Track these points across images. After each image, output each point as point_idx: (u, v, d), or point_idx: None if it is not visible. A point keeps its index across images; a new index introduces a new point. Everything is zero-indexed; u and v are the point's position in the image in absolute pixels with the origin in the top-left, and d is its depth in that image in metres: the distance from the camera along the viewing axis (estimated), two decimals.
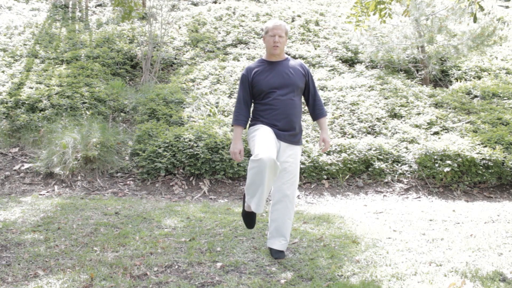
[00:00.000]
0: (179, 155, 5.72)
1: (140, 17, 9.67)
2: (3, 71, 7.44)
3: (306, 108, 7.35)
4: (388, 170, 5.97)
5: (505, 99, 7.42)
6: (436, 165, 5.75)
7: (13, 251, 3.42)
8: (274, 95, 3.29)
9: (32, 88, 7.00)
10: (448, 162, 5.66)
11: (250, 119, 3.44)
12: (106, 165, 5.96)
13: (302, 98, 3.51)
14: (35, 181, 5.72)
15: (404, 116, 6.95)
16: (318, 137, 6.35)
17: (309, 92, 3.46)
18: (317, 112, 3.49)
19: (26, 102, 6.65)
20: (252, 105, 3.46)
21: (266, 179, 3.04)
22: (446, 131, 6.56)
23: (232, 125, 3.43)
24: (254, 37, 9.29)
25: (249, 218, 3.53)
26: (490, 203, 5.43)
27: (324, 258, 3.44)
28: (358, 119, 6.82)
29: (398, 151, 6.17)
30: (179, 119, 6.58)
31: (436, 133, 6.55)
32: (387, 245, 3.75)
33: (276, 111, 3.29)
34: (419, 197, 5.66)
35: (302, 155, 5.96)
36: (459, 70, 8.61)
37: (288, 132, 3.31)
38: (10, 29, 8.91)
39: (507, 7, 12.41)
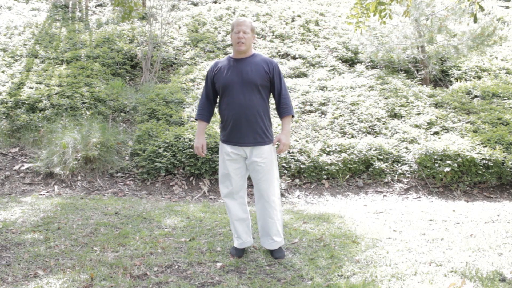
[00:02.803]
0: (179, 155, 5.72)
1: (140, 17, 9.67)
2: (3, 71, 7.44)
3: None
4: (388, 170, 5.97)
5: (505, 99, 7.42)
6: (436, 165, 5.75)
7: (13, 251, 3.42)
8: (231, 92, 3.23)
9: (32, 88, 7.00)
10: (448, 162, 5.66)
11: (220, 123, 3.43)
12: (106, 165, 5.96)
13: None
14: (35, 181, 5.72)
15: (404, 116, 6.95)
16: (317, 137, 6.35)
17: (274, 89, 3.33)
18: (281, 110, 3.32)
19: (26, 102, 6.65)
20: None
21: (234, 218, 3.42)
22: (446, 131, 6.56)
23: (195, 120, 3.44)
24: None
25: (237, 250, 3.50)
26: (490, 203, 5.43)
27: (324, 258, 3.44)
28: (358, 119, 6.82)
29: (398, 151, 6.17)
30: (179, 119, 6.58)
31: (436, 133, 6.55)
32: (387, 245, 3.75)
33: (233, 111, 3.22)
34: (419, 197, 5.66)
35: (302, 154, 5.96)
36: (459, 70, 8.61)
37: (249, 134, 3.24)
38: (10, 29, 8.91)
39: (507, 7, 12.41)
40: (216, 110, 3.67)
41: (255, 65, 3.26)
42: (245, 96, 3.21)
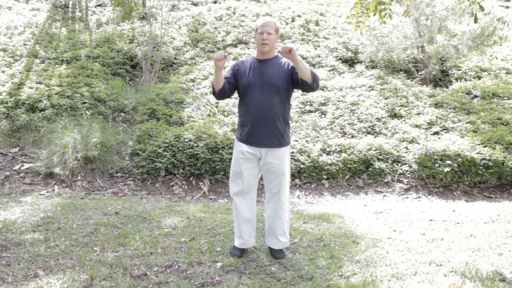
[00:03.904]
0: (179, 155, 5.72)
1: (140, 17, 9.67)
2: (3, 71, 7.44)
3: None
4: (388, 170, 5.97)
5: (505, 99, 7.42)
6: (436, 165, 5.75)
7: (13, 251, 3.42)
8: (252, 94, 3.25)
9: (32, 88, 6.99)
10: (448, 162, 5.66)
11: (238, 121, 3.41)
12: (106, 165, 5.96)
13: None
14: (35, 181, 5.72)
15: (404, 116, 6.95)
16: (317, 137, 6.36)
17: (297, 75, 3.20)
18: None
19: (26, 102, 6.65)
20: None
21: (240, 218, 3.41)
22: (446, 131, 6.56)
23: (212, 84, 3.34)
24: (254, 37, 9.30)
25: (237, 250, 3.49)
26: (490, 203, 5.43)
27: (324, 258, 3.44)
28: (358, 119, 6.82)
29: (398, 151, 6.17)
30: (179, 119, 6.58)
31: (436, 133, 6.55)
32: (387, 245, 3.75)
33: (252, 111, 3.24)
34: (419, 197, 5.66)
35: (302, 154, 5.96)
36: (459, 70, 8.60)
37: (267, 136, 3.24)
38: (10, 29, 8.91)
39: (507, 7, 12.40)
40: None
41: (277, 67, 3.27)
42: (265, 98, 3.22)
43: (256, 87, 3.24)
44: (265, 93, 3.22)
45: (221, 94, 3.29)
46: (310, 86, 3.17)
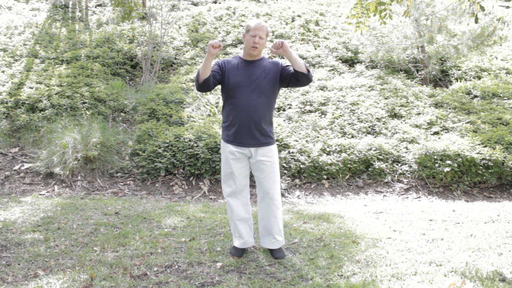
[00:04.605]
0: (179, 155, 5.72)
1: (140, 17, 9.67)
2: (3, 71, 7.44)
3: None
4: (388, 170, 5.97)
5: (505, 99, 7.42)
6: (436, 165, 5.75)
7: (13, 251, 3.42)
8: (239, 94, 3.24)
9: (32, 88, 6.99)
10: (448, 162, 5.66)
11: (222, 122, 3.40)
12: (106, 165, 5.96)
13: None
14: (35, 181, 5.72)
15: (404, 116, 6.95)
16: (317, 137, 6.35)
17: (289, 71, 3.24)
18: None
19: (26, 102, 6.65)
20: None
21: (236, 218, 3.42)
22: (446, 131, 6.56)
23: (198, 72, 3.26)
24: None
25: (237, 250, 3.49)
26: (490, 203, 5.43)
27: (324, 258, 3.44)
28: (358, 119, 6.82)
29: (398, 151, 6.17)
30: (179, 119, 6.58)
31: (436, 133, 6.55)
32: (387, 245, 3.75)
33: (239, 112, 3.23)
34: (419, 197, 5.66)
35: (302, 154, 5.96)
36: (459, 70, 8.60)
37: (254, 136, 3.26)
38: (10, 29, 8.91)
39: (507, 7, 12.40)
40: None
41: (264, 69, 3.28)
42: (252, 98, 3.23)
43: (244, 87, 3.24)
44: (253, 94, 3.23)
45: (204, 84, 3.21)
46: (306, 75, 3.17)
